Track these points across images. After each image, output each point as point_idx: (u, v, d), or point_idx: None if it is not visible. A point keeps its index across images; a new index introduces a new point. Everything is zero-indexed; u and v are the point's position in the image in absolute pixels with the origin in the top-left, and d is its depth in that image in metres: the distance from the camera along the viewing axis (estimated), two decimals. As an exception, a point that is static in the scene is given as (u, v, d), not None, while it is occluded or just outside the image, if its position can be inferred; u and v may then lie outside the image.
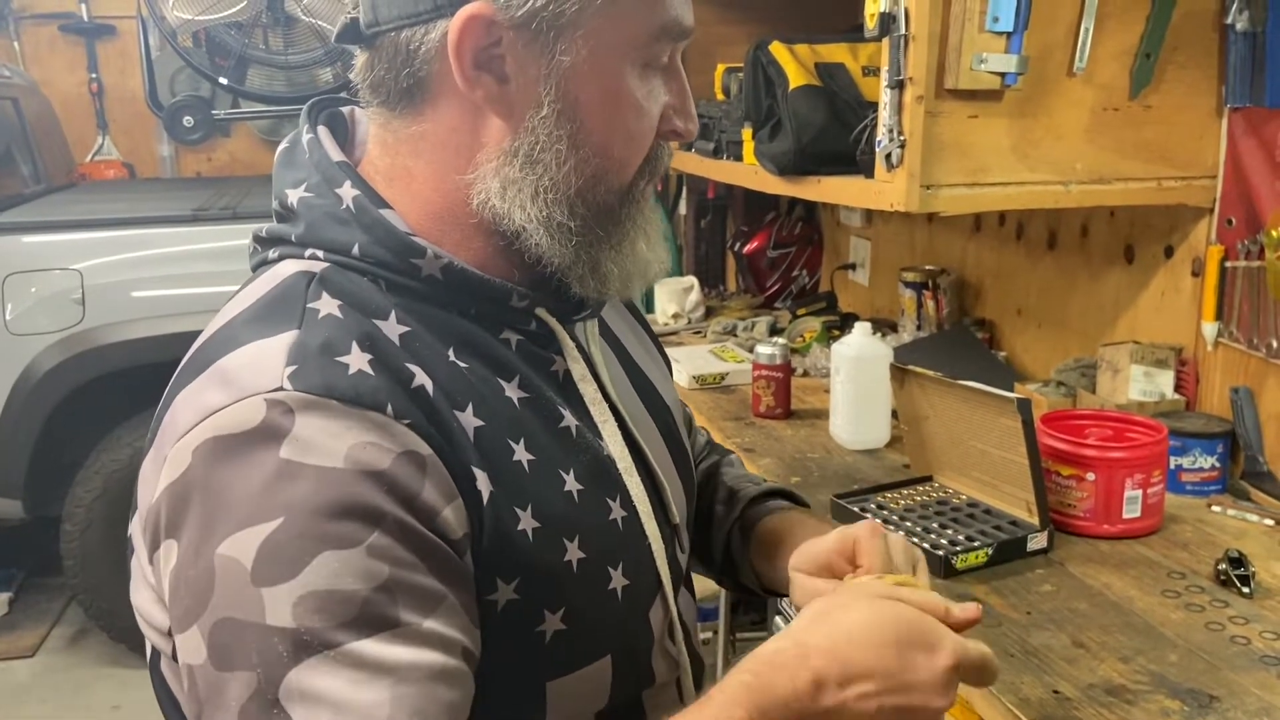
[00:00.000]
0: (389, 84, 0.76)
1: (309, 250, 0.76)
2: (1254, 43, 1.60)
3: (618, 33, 0.73)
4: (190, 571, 0.65)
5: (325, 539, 0.63)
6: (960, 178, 1.60)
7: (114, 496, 3.08)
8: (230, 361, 0.69)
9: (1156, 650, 1.21)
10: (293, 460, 0.64)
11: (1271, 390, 1.65)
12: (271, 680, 0.62)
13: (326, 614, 0.62)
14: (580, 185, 0.76)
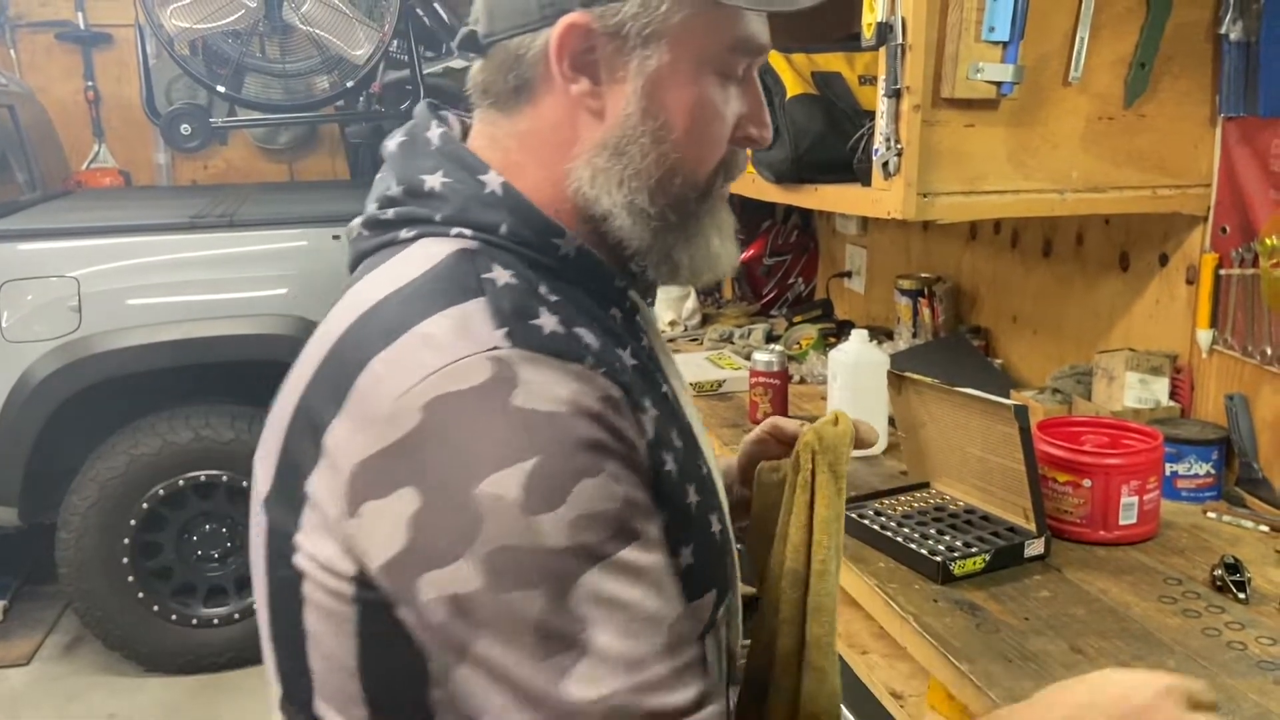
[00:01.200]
0: (499, 86, 0.86)
1: (455, 229, 0.83)
2: (1247, 53, 1.62)
3: (697, 44, 0.82)
4: (446, 512, 0.71)
5: (578, 471, 0.72)
6: (957, 186, 1.61)
7: (109, 504, 3.08)
8: (432, 327, 0.76)
9: (1154, 656, 1.21)
10: (527, 408, 0.72)
11: (1266, 397, 1.66)
12: (562, 589, 0.70)
13: (594, 531, 0.72)
14: (660, 177, 0.84)
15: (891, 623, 1.38)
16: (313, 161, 5.11)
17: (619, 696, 0.70)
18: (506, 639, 0.71)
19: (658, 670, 0.72)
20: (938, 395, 1.60)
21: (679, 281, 0.91)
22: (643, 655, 0.71)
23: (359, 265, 0.90)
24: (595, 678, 0.70)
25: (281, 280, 3.19)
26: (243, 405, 3.22)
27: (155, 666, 3.24)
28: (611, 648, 0.71)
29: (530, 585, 0.71)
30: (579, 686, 0.70)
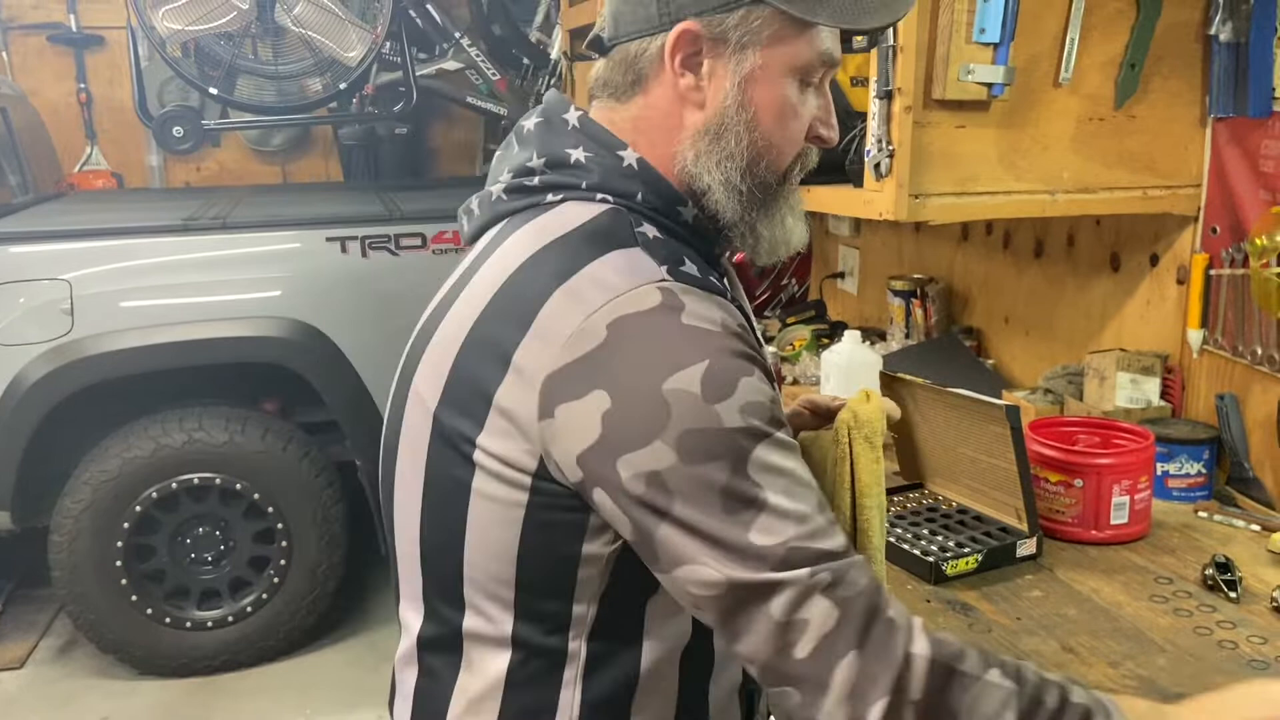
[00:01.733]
0: (618, 80, 1.02)
1: (599, 195, 0.99)
2: (1237, 53, 1.62)
3: (783, 54, 0.98)
4: (638, 406, 0.87)
5: (739, 369, 0.89)
6: (948, 187, 1.62)
7: (102, 507, 3.07)
8: (603, 265, 0.93)
9: (1145, 655, 1.22)
10: (692, 325, 0.90)
11: (1256, 397, 1.66)
12: (740, 460, 0.87)
13: (759, 415, 0.88)
14: (749, 160, 1.00)
15: (884, 623, 1.38)
16: (306, 163, 5.10)
17: (793, 540, 0.86)
18: (700, 502, 0.86)
19: (818, 521, 0.88)
20: (930, 396, 1.60)
21: (760, 252, 1.06)
22: (805, 511, 0.88)
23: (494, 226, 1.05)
24: (773, 528, 0.86)
25: (274, 282, 3.18)
26: (236, 407, 3.22)
27: (149, 669, 3.23)
28: (781, 505, 0.87)
29: (715, 458, 0.86)
30: (760, 536, 0.86)
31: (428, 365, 1.00)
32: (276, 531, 3.21)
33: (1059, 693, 0.89)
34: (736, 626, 0.87)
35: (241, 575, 3.26)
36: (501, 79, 4.27)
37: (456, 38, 4.26)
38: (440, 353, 0.99)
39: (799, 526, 0.87)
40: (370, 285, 3.20)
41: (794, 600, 0.85)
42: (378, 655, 3.33)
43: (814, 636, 0.85)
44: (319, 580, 3.26)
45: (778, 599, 0.85)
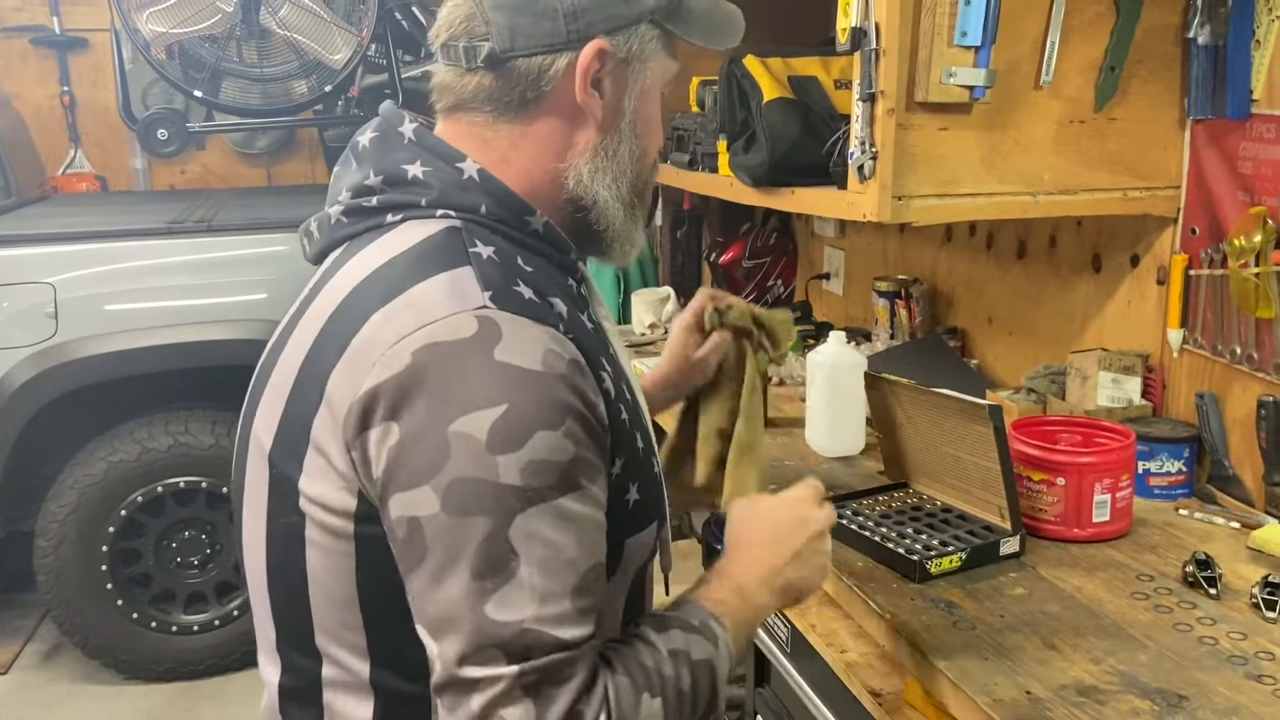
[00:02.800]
0: (507, 96, 0.98)
1: (440, 211, 0.96)
2: (1215, 56, 1.64)
3: (661, 70, 1.03)
4: (420, 444, 0.83)
5: (538, 422, 0.84)
6: (931, 189, 1.63)
7: (88, 511, 3.06)
8: (426, 288, 0.88)
9: (1126, 651, 1.23)
10: (505, 362, 0.84)
11: (1236, 395, 1.68)
12: (504, 522, 0.82)
13: (542, 476, 0.83)
14: (634, 175, 1.03)
15: (869, 621, 1.39)
16: (291, 166, 5.08)
17: (529, 622, 0.83)
18: (450, 560, 0.83)
19: (563, 606, 0.84)
20: (914, 396, 1.61)
21: (628, 256, 1.08)
22: (555, 590, 0.84)
23: (335, 250, 1.01)
24: (513, 603, 0.82)
25: (260, 285, 3.18)
26: (222, 411, 3.21)
27: (135, 674, 3.22)
28: (531, 579, 0.83)
29: (482, 513, 0.83)
30: (497, 609, 0.82)
31: (265, 406, 0.96)
32: (263, 535, 3.20)
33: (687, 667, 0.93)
34: (443, 699, 0.84)
35: (228, 579, 3.25)
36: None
37: (442, 40, 4.26)
38: (275, 393, 0.95)
39: (541, 607, 0.83)
40: (356, 288, 3.20)
41: (497, 696, 0.82)
42: (365, 658, 3.32)
43: None
44: (306, 583, 3.25)
45: (482, 693, 0.82)
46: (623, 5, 0.98)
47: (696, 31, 1.04)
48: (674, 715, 0.90)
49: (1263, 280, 1.58)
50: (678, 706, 0.91)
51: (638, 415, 1.01)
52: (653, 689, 0.89)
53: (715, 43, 1.06)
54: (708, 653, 0.95)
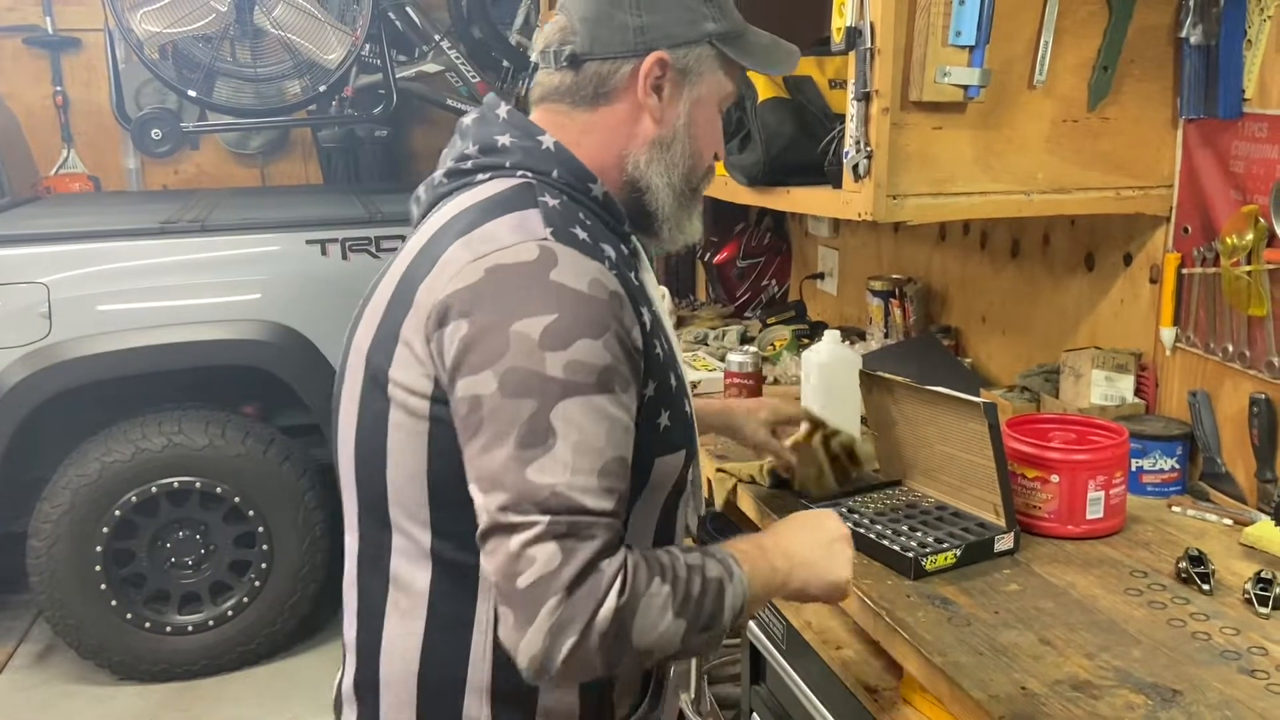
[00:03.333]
0: (583, 90, 1.19)
1: (520, 171, 1.15)
2: (1207, 56, 1.65)
3: (718, 87, 1.23)
4: (486, 338, 1.02)
5: (581, 331, 1.02)
6: (925, 188, 1.64)
7: (81, 512, 3.05)
8: (498, 224, 1.08)
9: (1120, 647, 1.24)
10: (559, 282, 1.03)
11: (1228, 393, 1.69)
12: (546, 407, 1.00)
13: (581, 374, 1.01)
14: (686, 169, 1.23)
15: (865, 618, 1.40)
16: (285, 166, 5.08)
17: (560, 487, 0.99)
18: (501, 432, 1.00)
19: (588, 480, 1.01)
20: (909, 394, 1.62)
21: (672, 241, 1.27)
22: (584, 467, 1.01)
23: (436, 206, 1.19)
24: (549, 470, 0.99)
25: (254, 285, 3.18)
26: (216, 411, 3.21)
27: (129, 675, 3.22)
28: (564, 455, 1.00)
29: (528, 396, 1.00)
30: (536, 473, 0.99)
31: (366, 320, 1.15)
32: (257, 535, 3.21)
33: (695, 577, 1.07)
34: (486, 545, 1.01)
35: (222, 579, 3.25)
36: (481, 81, 4.27)
37: (436, 40, 4.26)
38: (375, 308, 1.14)
39: (571, 477, 1.00)
40: (351, 287, 3.13)
41: (531, 539, 0.98)
42: (360, 658, 3.32)
43: (535, 574, 0.98)
44: (300, 583, 3.26)
45: (519, 535, 0.99)
46: (684, 27, 1.19)
47: (751, 58, 1.24)
48: (679, 609, 1.04)
49: (1254, 278, 1.59)
50: (683, 602, 1.05)
51: (673, 358, 1.18)
52: (664, 577, 1.04)
53: (769, 70, 1.30)
54: (719, 574, 1.09)
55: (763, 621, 1.78)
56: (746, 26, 1.26)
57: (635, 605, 1.01)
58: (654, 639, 1.04)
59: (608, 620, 0.99)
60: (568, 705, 1.15)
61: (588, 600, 0.98)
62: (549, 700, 1.14)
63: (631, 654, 1.03)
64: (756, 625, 1.81)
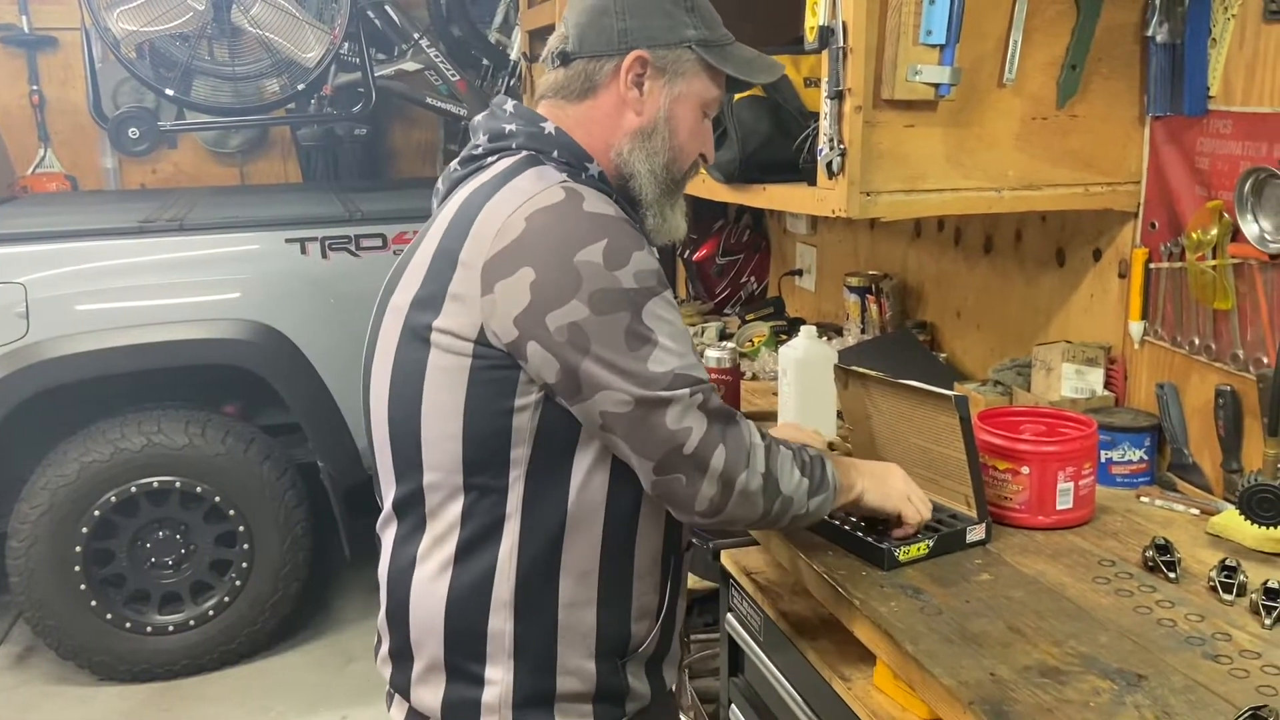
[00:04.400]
0: (574, 85, 1.33)
1: (524, 151, 1.30)
2: (1173, 54, 1.68)
3: (699, 88, 1.35)
4: (557, 274, 1.16)
5: (633, 244, 1.20)
6: (898, 185, 1.66)
7: (60, 512, 3.04)
8: (517, 182, 1.24)
9: (1088, 633, 1.26)
10: (593, 211, 1.21)
11: (1195, 385, 1.72)
12: (637, 311, 1.18)
13: (648, 279, 1.20)
14: (666, 160, 1.34)
15: (840, 608, 1.42)
16: (264, 165, 5.07)
17: (678, 369, 1.19)
18: (610, 342, 1.17)
19: (691, 358, 1.22)
20: (882, 388, 1.64)
21: (661, 231, 1.37)
22: (684, 349, 1.21)
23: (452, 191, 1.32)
24: (663, 360, 1.18)
25: (234, 284, 3.17)
26: (196, 410, 3.20)
27: (109, 675, 3.21)
28: (668, 344, 1.19)
29: (619, 309, 1.17)
30: (655, 365, 1.18)
31: (405, 282, 1.28)
32: (238, 534, 3.20)
33: (803, 450, 1.33)
34: (640, 433, 1.19)
35: (203, 579, 3.24)
36: (461, 80, 4.27)
37: (415, 39, 4.26)
38: (414, 272, 1.27)
39: (680, 360, 1.20)
40: (331, 286, 3.20)
41: (680, 412, 1.18)
42: (342, 657, 3.33)
43: (696, 438, 1.19)
44: (281, 582, 3.26)
45: (671, 410, 1.18)
46: (665, 32, 1.31)
47: (732, 65, 1.35)
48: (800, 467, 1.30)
49: (1219, 272, 1.62)
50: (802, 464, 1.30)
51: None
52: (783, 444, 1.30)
53: (749, 77, 1.38)
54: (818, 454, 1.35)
55: (741, 614, 1.80)
56: (732, 40, 1.38)
57: (775, 453, 1.26)
58: (792, 487, 1.28)
59: (761, 459, 1.24)
60: (585, 622, 1.27)
61: (740, 447, 1.22)
62: (570, 617, 1.26)
63: (780, 499, 1.27)
64: (735, 618, 1.83)
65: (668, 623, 1.36)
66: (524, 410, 1.21)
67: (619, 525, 1.27)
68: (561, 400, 1.20)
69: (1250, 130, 1.58)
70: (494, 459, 1.22)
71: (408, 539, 1.30)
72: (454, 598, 1.25)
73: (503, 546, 1.24)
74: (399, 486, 1.30)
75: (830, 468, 1.35)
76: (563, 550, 1.25)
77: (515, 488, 1.23)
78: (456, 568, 1.25)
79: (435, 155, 5.16)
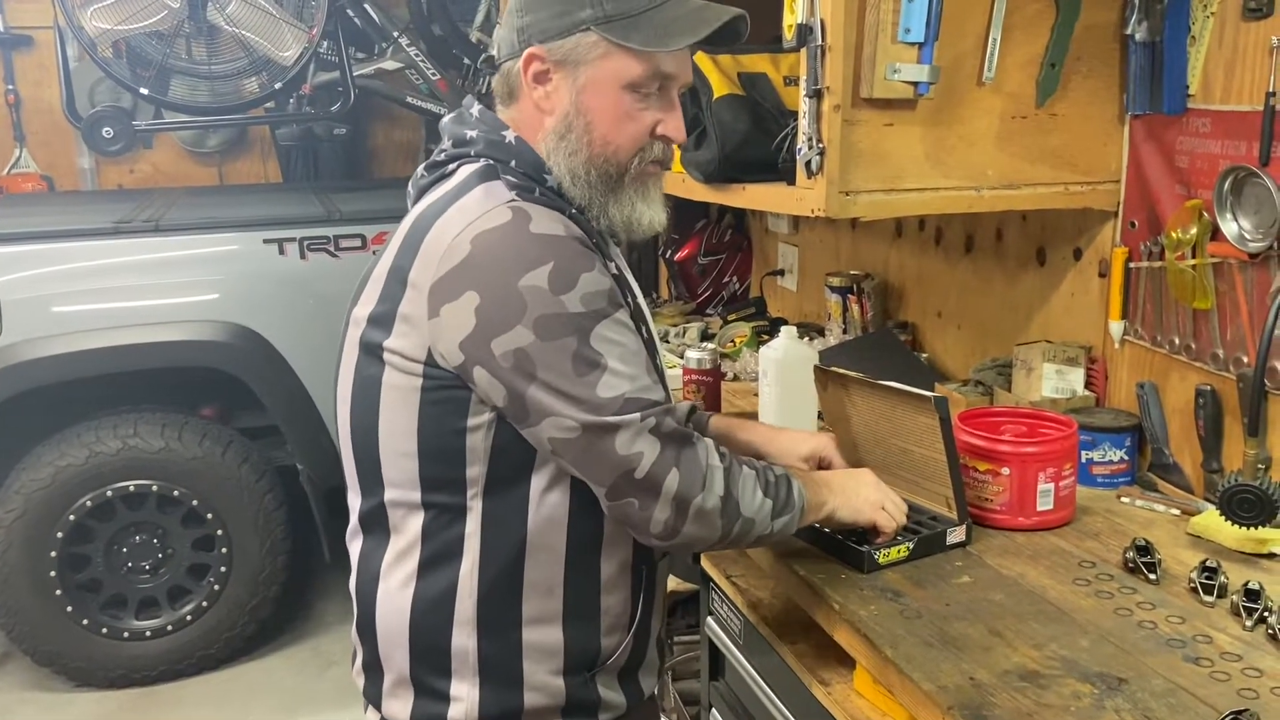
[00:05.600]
0: (502, 90, 1.31)
1: (483, 159, 1.27)
2: (1152, 52, 1.67)
3: (612, 70, 1.24)
4: (501, 299, 1.14)
5: (581, 266, 1.16)
6: (877, 184, 1.65)
7: (35, 517, 3.00)
8: (466, 200, 1.21)
9: (1068, 636, 1.25)
10: (539, 233, 1.17)
11: (1175, 385, 1.72)
12: (584, 335, 1.15)
13: (597, 299, 1.16)
14: (588, 156, 1.26)
15: (819, 612, 1.40)
16: (243, 164, 5.02)
17: (628, 393, 1.16)
18: (556, 368, 1.14)
19: (645, 380, 1.19)
20: (862, 389, 1.63)
21: (617, 230, 1.31)
22: (635, 372, 1.18)
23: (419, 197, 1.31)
24: (612, 385, 1.16)
25: (211, 285, 3.14)
26: (173, 413, 3.16)
27: (86, 681, 3.17)
28: (618, 368, 1.16)
29: (565, 334, 1.14)
30: (604, 390, 1.15)
31: (366, 294, 1.26)
32: (216, 538, 3.17)
33: (767, 470, 1.30)
34: (589, 460, 1.17)
35: (180, 583, 3.21)
36: (442, 79, 4.24)
37: (395, 37, 4.23)
38: (373, 285, 1.26)
39: (632, 384, 1.17)
40: (309, 287, 3.17)
41: (630, 437, 1.16)
42: (322, 661, 3.30)
43: (647, 462, 1.17)
44: (260, 587, 3.22)
45: (620, 436, 1.16)
46: (556, 19, 1.24)
47: (640, 37, 1.23)
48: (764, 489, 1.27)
49: (1199, 272, 1.62)
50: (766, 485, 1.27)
51: (641, 316, 1.29)
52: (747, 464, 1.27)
53: (656, 46, 1.23)
54: (784, 473, 1.33)
55: (721, 618, 1.79)
56: (658, 5, 1.23)
57: (735, 474, 1.24)
58: (754, 509, 1.25)
59: (720, 481, 1.21)
60: (552, 639, 1.26)
61: (695, 470, 1.20)
62: (535, 635, 1.25)
63: (741, 520, 1.24)
64: (715, 622, 1.81)
65: (641, 632, 1.34)
66: (477, 430, 1.19)
67: (582, 541, 1.26)
68: (511, 423, 1.19)
69: (1229, 129, 1.58)
70: (450, 478, 1.21)
71: (373, 553, 1.29)
72: (418, 613, 1.25)
73: (464, 564, 1.23)
74: (363, 500, 1.30)
75: (797, 487, 1.32)
76: (525, 567, 1.23)
77: (473, 506, 1.22)
78: (419, 584, 1.25)
79: (417, 155, 5.13)
